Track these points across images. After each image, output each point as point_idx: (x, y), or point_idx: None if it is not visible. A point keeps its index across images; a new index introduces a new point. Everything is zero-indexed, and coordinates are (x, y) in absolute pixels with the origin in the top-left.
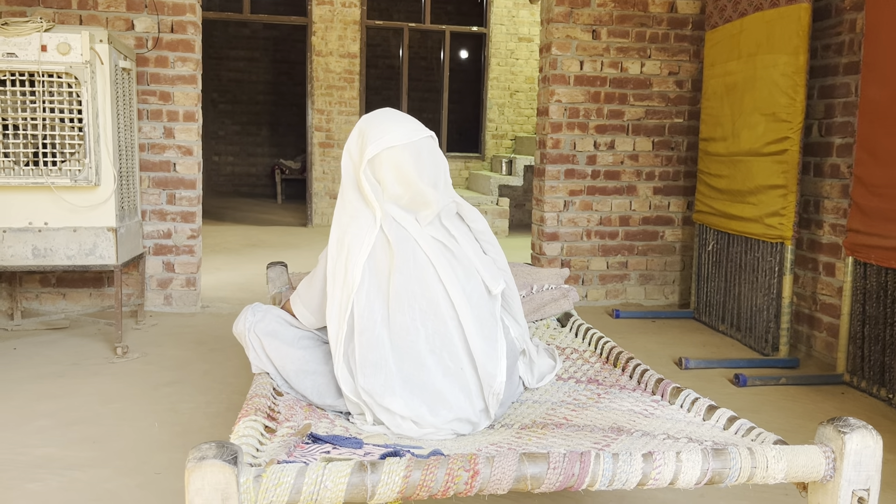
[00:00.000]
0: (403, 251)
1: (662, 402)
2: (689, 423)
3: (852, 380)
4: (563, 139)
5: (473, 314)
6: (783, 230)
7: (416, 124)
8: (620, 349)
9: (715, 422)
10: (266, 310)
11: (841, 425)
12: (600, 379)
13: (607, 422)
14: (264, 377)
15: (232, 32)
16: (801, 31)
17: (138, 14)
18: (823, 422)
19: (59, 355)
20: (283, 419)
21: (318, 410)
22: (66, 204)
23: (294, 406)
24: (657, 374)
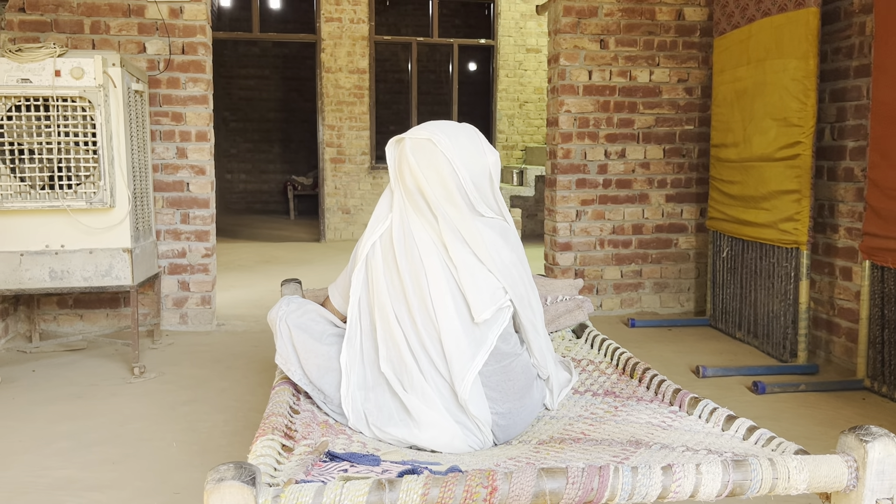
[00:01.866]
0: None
1: (680, 412)
2: (708, 434)
3: (873, 385)
4: (573, 149)
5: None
6: (798, 235)
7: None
8: (637, 360)
9: (734, 432)
10: (301, 303)
11: (863, 434)
12: (617, 391)
13: (625, 435)
14: (280, 394)
15: (242, 51)
16: (811, 35)
17: (150, 37)
18: (845, 430)
19: (77, 376)
20: (300, 437)
21: (335, 427)
22: (81, 226)
23: (311, 423)
24: (674, 385)
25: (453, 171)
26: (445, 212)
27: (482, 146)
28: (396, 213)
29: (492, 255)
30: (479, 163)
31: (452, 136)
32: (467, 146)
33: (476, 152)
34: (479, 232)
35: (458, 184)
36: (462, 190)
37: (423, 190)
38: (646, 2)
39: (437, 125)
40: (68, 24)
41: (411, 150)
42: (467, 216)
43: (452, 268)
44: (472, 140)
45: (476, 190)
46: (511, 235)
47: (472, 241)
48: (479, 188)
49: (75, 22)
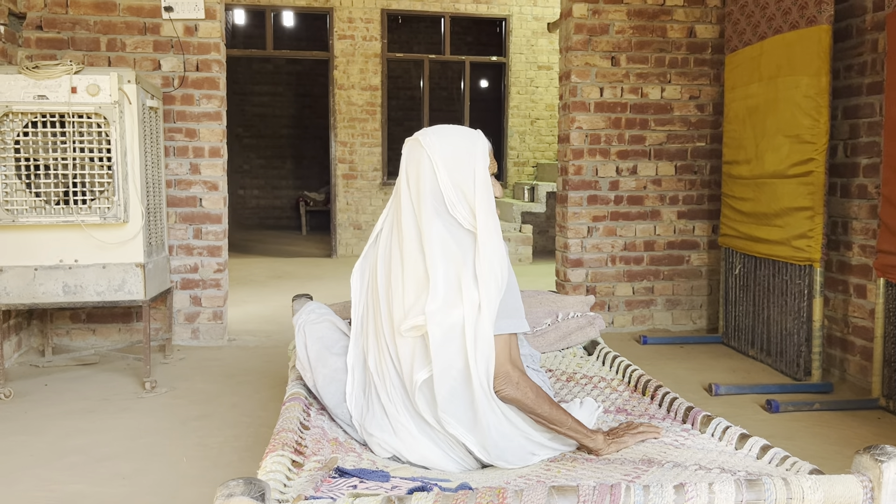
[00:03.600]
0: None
1: (693, 430)
2: (721, 452)
3: (888, 404)
4: (584, 165)
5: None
6: (811, 252)
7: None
8: (649, 377)
9: (748, 451)
10: (321, 313)
11: (878, 453)
12: (629, 409)
13: (637, 454)
14: (291, 410)
15: (256, 68)
16: (823, 52)
17: (165, 54)
18: (860, 450)
19: (89, 391)
20: (310, 453)
21: (345, 444)
22: (95, 241)
23: (321, 440)
24: (687, 403)
25: (433, 171)
26: (414, 211)
27: (475, 149)
28: (388, 218)
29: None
30: (467, 164)
31: (444, 137)
32: (457, 147)
33: (467, 153)
34: (435, 235)
35: (433, 184)
36: (437, 191)
37: (401, 188)
38: (657, 19)
39: (439, 127)
40: (85, 42)
41: (407, 151)
42: (430, 217)
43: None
44: (465, 142)
45: (456, 192)
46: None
47: (426, 244)
48: (462, 190)
49: (92, 39)
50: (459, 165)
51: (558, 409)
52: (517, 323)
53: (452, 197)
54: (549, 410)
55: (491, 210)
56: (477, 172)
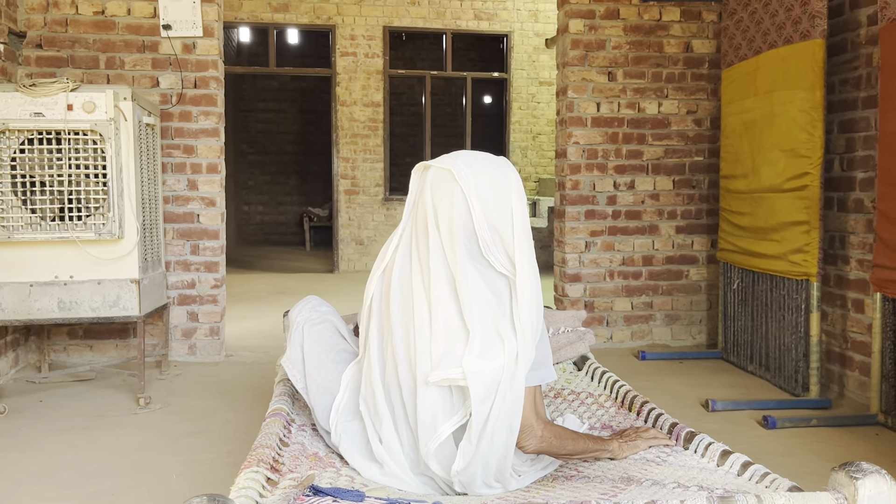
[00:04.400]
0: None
1: (677, 447)
2: (703, 469)
3: (887, 420)
4: (582, 180)
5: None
6: (808, 267)
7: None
8: (636, 393)
9: (729, 467)
10: (322, 312)
11: (853, 471)
12: (614, 425)
13: (618, 471)
14: (271, 425)
15: (260, 85)
16: (817, 66)
17: (163, 71)
18: (835, 467)
19: (84, 407)
20: (286, 470)
21: (324, 459)
22: (90, 257)
23: (300, 456)
24: (672, 419)
25: (468, 210)
26: (444, 251)
27: (510, 186)
28: (401, 250)
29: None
30: (504, 204)
31: (478, 170)
32: (493, 182)
33: (503, 192)
34: (471, 281)
35: (466, 224)
36: (470, 231)
37: (429, 226)
38: (654, 35)
39: (466, 155)
40: (84, 60)
41: (431, 180)
42: (464, 261)
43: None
44: (501, 177)
45: (492, 233)
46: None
47: (461, 291)
48: (499, 232)
49: (91, 57)
50: (497, 204)
51: (578, 441)
52: (546, 373)
53: (488, 239)
54: (571, 447)
55: (531, 254)
56: (515, 212)
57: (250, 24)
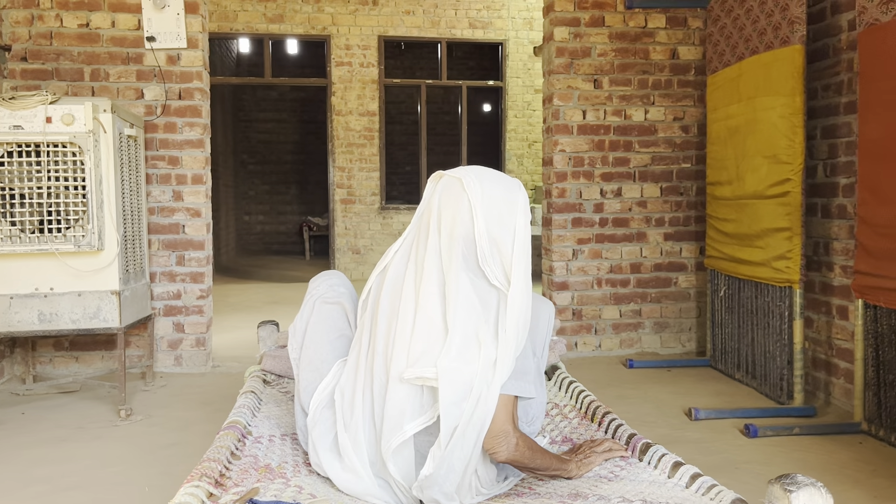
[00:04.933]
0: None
1: (632, 459)
2: (652, 482)
3: (870, 428)
4: (568, 188)
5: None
6: (790, 273)
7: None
8: (599, 404)
9: (678, 480)
10: (341, 293)
11: (788, 483)
12: (575, 437)
13: (568, 488)
14: (223, 438)
15: (260, 95)
16: (796, 72)
17: (148, 83)
18: (772, 479)
19: (65, 419)
20: (231, 484)
21: (276, 470)
22: (70, 269)
23: (250, 469)
24: (630, 430)
25: (471, 219)
26: (440, 254)
27: (517, 205)
28: (401, 251)
29: (458, 316)
30: (508, 220)
31: (488, 184)
32: (501, 198)
33: (509, 209)
34: (461, 287)
35: (467, 231)
36: (470, 240)
37: (430, 228)
38: (639, 42)
39: (480, 169)
40: (69, 73)
41: (442, 187)
42: (458, 267)
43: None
44: (510, 195)
45: (491, 246)
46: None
47: (449, 294)
48: (498, 245)
49: (76, 70)
50: (501, 219)
51: (546, 457)
52: (525, 387)
53: (486, 250)
54: (540, 462)
55: (527, 273)
56: (518, 230)
57: (245, 36)
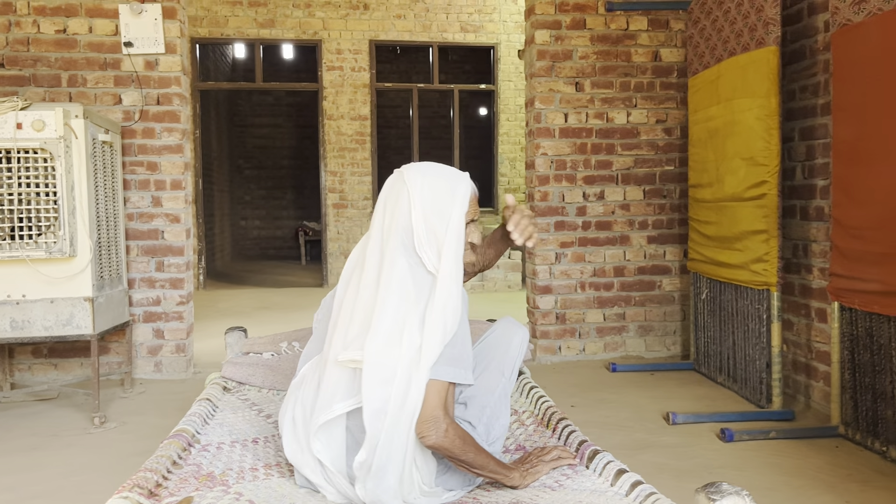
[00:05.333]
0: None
1: (579, 467)
2: (593, 491)
3: (847, 432)
4: (550, 191)
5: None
6: (767, 276)
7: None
8: (556, 409)
9: (618, 488)
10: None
11: (712, 492)
12: (528, 446)
13: (510, 497)
14: (166, 448)
15: (256, 100)
16: (771, 74)
17: (126, 88)
18: (699, 487)
19: (40, 427)
20: (167, 494)
21: (217, 478)
22: (42, 276)
23: (189, 478)
24: (582, 436)
25: (409, 207)
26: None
27: (455, 196)
28: (360, 243)
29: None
30: (445, 209)
31: (427, 175)
32: (440, 189)
33: (446, 198)
34: (396, 271)
35: (406, 220)
36: (408, 227)
37: (375, 220)
38: (621, 44)
39: (426, 165)
40: (46, 79)
41: (388, 183)
42: (395, 252)
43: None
44: (447, 184)
45: (427, 234)
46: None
47: (383, 278)
48: (435, 234)
49: (53, 76)
50: (436, 206)
51: (481, 455)
52: (459, 373)
53: (422, 236)
54: (473, 457)
55: (457, 257)
56: (452, 217)
57: (236, 41)
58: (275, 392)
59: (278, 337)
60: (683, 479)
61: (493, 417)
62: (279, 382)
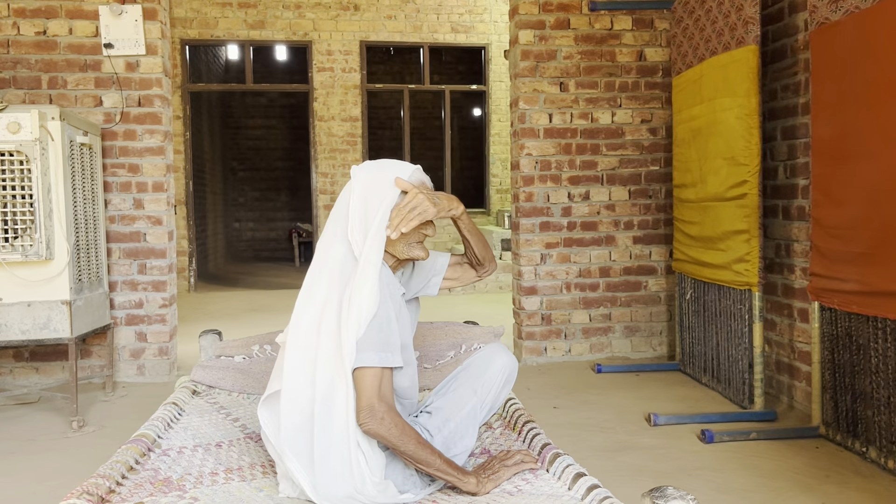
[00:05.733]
0: None
1: (540, 471)
2: (551, 495)
3: (828, 432)
4: (535, 192)
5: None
6: (749, 276)
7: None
8: (522, 412)
9: (575, 492)
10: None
11: (657, 496)
12: (493, 450)
13: (466, 502)
14: (123, 453)
15: (249, 102)
16: (751, 73)
17: (107, 90)
18: (645, 492)
19: (18, 431)
20: (119, 500)
21: (174, 483)
22: (18, 279)
23: (145, 483)
24: (546, 439)
25: (349, 197)
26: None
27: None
28: None
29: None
30: (379, 195)
31: (371, 169)
32: (377, 178)
33: (383, 186)
34: (330, 257)
35: (346, 209)
36: (346, 216)
37: (329, 218)
38: (605, 44)
39: (380, 161)
40: (26, 81)
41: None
42: (332, 238)
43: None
44: (389, 174)
45: (360, 219)
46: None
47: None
48: (365, 218)
49: (33, 78)
50: (373, 194)
51: (425, 449)
52: (386, 357)
53: (356, 223)
54: (414, 449)
55: (379, 242)
56: (384, 203)
57: (227, 42)
58: (245, 396)
59: (251, 340)
60: (661, 481)
61: (455, 434)
62: (249, 386)
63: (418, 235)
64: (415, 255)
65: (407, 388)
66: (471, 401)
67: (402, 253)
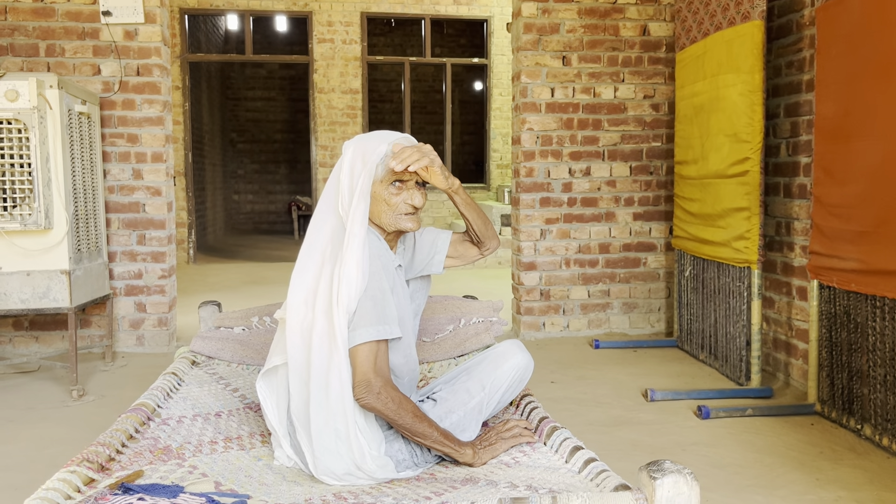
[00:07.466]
0: None
1: (537, 444)
2: (547, 468)
3: (823, 409)
4: (536, 167)
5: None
6: (748, 254)
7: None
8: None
9: (572, 465)
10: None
11: (653, 470)
12: (491, 422)
13: (465, 473)
14: (123, 421)
15: (249, 73)
16: (756, 49)
17: (105, 59)
18: (642, 466)
19: (17, 400)
20: (119, 468)
21: (174, 452)
22: (18, 248)
23: (144, 452)
24: (543, 413)
25: (339, 170)
26: (320, 206)
27: (380, 151)
28: None
29: (313, 259)
30: (366, 164)
31: (361, 140)
32: (366, 148)
33: (369, 155)
34: (323, 231)
35: (337, 182)
36: (337, 188)
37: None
38: (609, 18)
39: (372, 132)
40: (24, 48)
41: None
42: (325, 212)
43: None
44: (375, 143)
45: (350, 190)
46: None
47: (309, 236)
48: (352, 188)
49: (31, 45)
50: (360, 163)
51: (422, 422)
52: (383, 329)
53: (345, 193)
54: (411, 422)
55: (363, 209)
56: (367, 165)
57: (226, 12)
58: (244, 366)
59: (250, 311)
60: (656, 456)
61: (458, 426)
62: (248, 357)
63: (405, 207)
64: (403, 226)
65: (401, 365)
66: (478, 395)
67: (389, 225)
